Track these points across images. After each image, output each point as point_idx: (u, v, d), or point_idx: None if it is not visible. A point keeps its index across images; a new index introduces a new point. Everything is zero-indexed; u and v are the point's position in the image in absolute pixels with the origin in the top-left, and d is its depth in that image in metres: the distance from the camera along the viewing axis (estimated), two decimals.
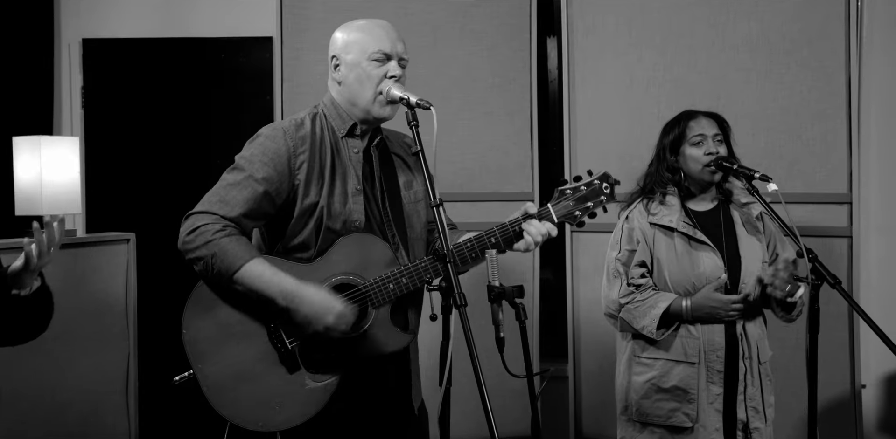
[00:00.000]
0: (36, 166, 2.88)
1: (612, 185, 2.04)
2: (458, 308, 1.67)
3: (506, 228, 1.98)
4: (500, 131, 3.43)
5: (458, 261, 1.94)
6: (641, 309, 2.40)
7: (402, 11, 3.38)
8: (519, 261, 3.43)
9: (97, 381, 3.11)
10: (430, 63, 3.40)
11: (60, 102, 3.99)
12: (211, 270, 1.88)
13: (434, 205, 1.78)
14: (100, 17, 3.99)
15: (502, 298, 1.81)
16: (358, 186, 2.00)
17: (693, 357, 2.39)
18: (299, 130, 2.00)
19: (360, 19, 2.09)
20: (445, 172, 3.41)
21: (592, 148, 3.39)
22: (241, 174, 1.95)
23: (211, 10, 3.93)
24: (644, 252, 2.46)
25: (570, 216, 2.02)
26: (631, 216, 2.51)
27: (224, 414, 1.92)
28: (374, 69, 1.99)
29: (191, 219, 1.92)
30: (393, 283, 1.92)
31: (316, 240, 1.97)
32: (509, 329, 1.87)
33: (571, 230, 3.41)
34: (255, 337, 1.93)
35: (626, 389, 2.48)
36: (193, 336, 1.93)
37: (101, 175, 3.94)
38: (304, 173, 1.96)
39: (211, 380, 1.92)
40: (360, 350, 1.94)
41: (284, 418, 1.91)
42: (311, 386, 1.92)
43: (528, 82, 3.44)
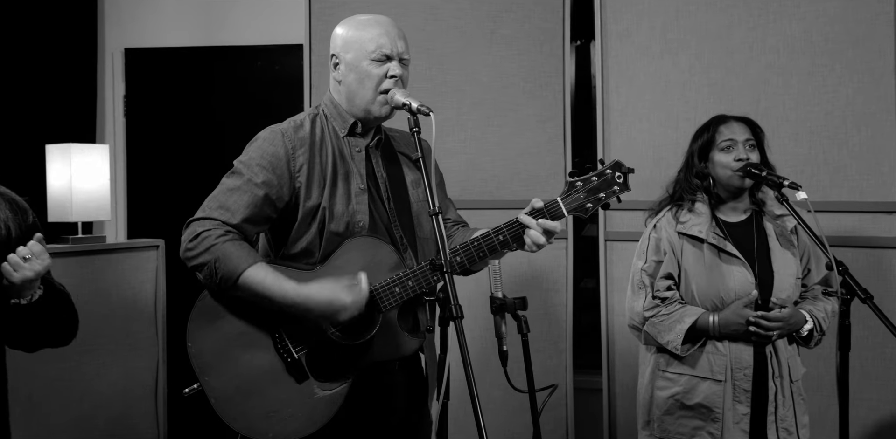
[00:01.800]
0: (67, 173, 2.94)
1: (626, 174, 1.93)
2: (455, 320, 1.62)
3: (514, 225, 1.90)
4: (532, 138, 3.36)
5: (466, 263, 1.89)
6: (667, 323, 2.31)
7: (432, 17, 3.35)
8: (553, 268, 3.36)
9: (127, 386, 3.14)
10: (460, 69, 3.35)
11: (104, 110, 4.08)
12: (214, 276, 1.86)
13: (433, 213, 1.73)
14: (141, 27, 4.07)
15: (504, 310, 1.75)
16: (362, 185, 1.96)
17: (719, 374, 2.28)
18: (298, 132, 1.97)
19: (360, 15, 2.04)
20: (474, 179, 3.36)
21: (626, 154, 3.29)
22: (241, 179, 1.93)
23: (246, 18, 3.98)
24: (671, 263, 2.36)
25: (581, 209, 1.93)
26: (659, 225, 2.42)
27: (234, 426, 1.90)
28: (375, 69, 1.94)
29: (192, 226, 1.91)
30: (399, 287, 1.88)
31: (320, 244, 1.94)
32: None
33: (605, 239, 3.32)
34: (260, 348, 1.91)
35: (648, 403, 2.39)
36: (199, 348, 1.92)
37: (141, 182, 4.02)
38: (305, 175, 1.93)
39: (218, 393, 1.90)
40: (367, 356, 1.90)
41: (295, 428, 1.89)
42: (321, 395, 1.89)
43: (560, 87, 3.36)
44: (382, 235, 1.97)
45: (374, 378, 1.94)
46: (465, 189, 3.36)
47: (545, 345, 3.36)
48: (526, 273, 3.38)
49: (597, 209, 1.94)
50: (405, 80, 2.00)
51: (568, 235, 3.35)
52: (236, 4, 4.04)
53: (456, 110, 3.36)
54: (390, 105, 1.96)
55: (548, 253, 3.36)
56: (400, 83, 1.97)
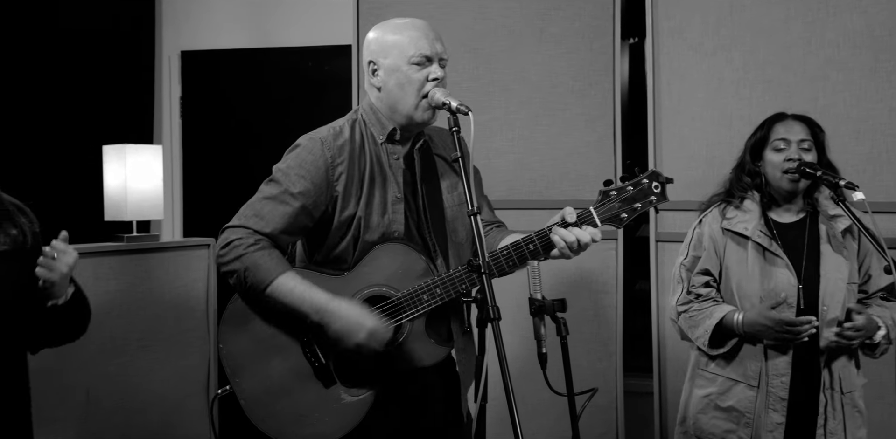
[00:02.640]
0: (122, 173, 3.01)
1: (663, 184, 1.89)
2: (492, 321, 1.60)
3: (544, 235, 1.87)
4: (581, 137, 3.32)
5: (494, 272, 1.87)
6: (697, 319, 2.27)
7: (480, 16, 3.33)
8: (602, 269, 3.31)
9: (179, 383, 3.20)
10: (508, 68, 3.33)
11: (160, 112, 4.18)
12: (244, 284, 1.88)
13: (471, 213, 1.70)
14: (196, 30, 4.16)
15: (543, 312, 1.72)
16: (398, 194, 1.95)
17: (752, 380, 2.22)
18: (337, 139, 1.95)
19: (393, 19, 2.01)
20: (523, 179, 3.33)
21: (678, 153, 3.23)
22: (278, 188, 1.92)
23: (297, 19, 4.03)
24: (711, 259, 2.31)
25: (615, 219, 1.89)
26: (704, 220, 2.37)
27: (262, 428, 1.91)
28: (415, 73, 1.92)
29: (226, 233, 1.93)
30: (427, 294, 1.87)
31: (353, 252, 1.94)
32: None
33: (657, 240, 3.26)
34: (289, 352, 1.92)
35: (686, 400, 2.38)
36: (230, 350, 1.94)
37: (196, 182, 4.10)
38: (343, 184, 1.92)
39: (248, 394, 1.92)
40: (394, 364, 1.90)
41: (323, 432, 1.89)
42: (348, 401, 1.89)
43: (610, 86, 3.31)
44: (416, 242, 1.96)
45: (403, 383, 1.94)
46: (513, 189, 3.34)
47: (595, 347, 3.31)
48: (574, 274, 3.34)
49: (631, 219, 1.91)
50: (445, 83, 1.98)
51: (618, 236, 3.29)
52: (288, 6, 4.09)
53: (504, 109, 3.34)
54: (432, 106, 1.93)
55: (597, 253, 3.31)
56: (441, 84, 1.95)
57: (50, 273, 1.72)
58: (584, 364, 3.30)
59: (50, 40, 3.60)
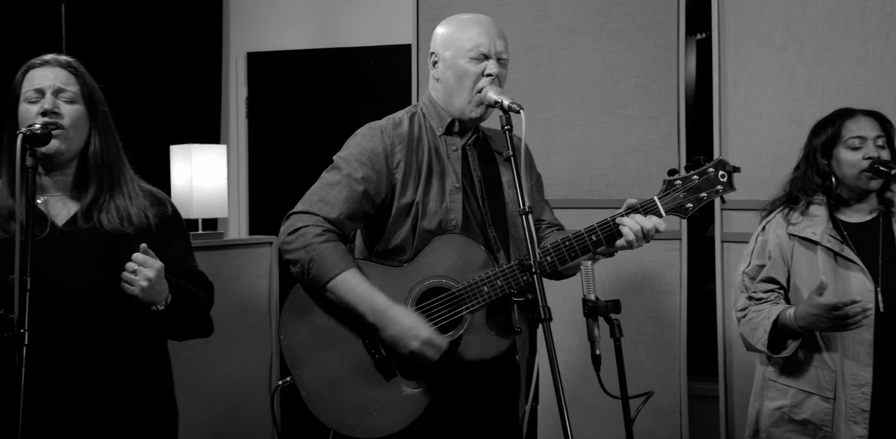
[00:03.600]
0: (188, 172, 3.09)
1: (730, 173, 1.85)
2: (543, 322, 1.58)
3: (607, 224, 1.85)
4: (643, 135, 3.25)
5: (557, 265, 1.84)
6: (755, 321, 2.18)
7: (540, 14, 3.30)
8: (666, 270, 3.24)
9: (242, 377, 3.27)
10: (568, 65, 3.29)
11: (228, 112, 4.27)
12: (306, 275, 1.90)
13: (522, 212, 1.69)
14: (262, 32, 4.24)
15: (596, 313, 1.69)
16: (457, 184, 1.96)
17: (828, 391, 2.12)
18: (396, 129, 1.99)
19: (462, 14, 2.04)
20: (583, 178, 3.29)
21: (745, 151, 3.14)
22: (340, 173, 1.95)
23: (359, 19, 4.06)
24: (777, 267, 2.22)
25: (680, 208, 1.85)
26: (767, 227, 2.28)
27: (323, 419, 1.93)
28: (472, 67, 1.94)
29: (292, 219, 1.95)
30: (487, 286, 1.86)
31: (412, 241, 1.94)
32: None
33: (722, 240, 3.17)
34: (350, 343, 1.93)
35: (757, 413, 2.28)
36: (291, 341, 1.95)
37: (262, 180, 4.18)
38: (402, 172, 1.94)
39: (308, 386, 1.93)
40: (455, 356, 1.89)
41: (383, 425, 1.89)
42: (408, 393, 1.89)
43: (674, 83, 3.23)
44: (476, 235, 1.96)
45: (464, 377, 1.93)
46: (574, 188, 3.29)
47: (658, 349, 3.25)
48: (637, 274, 3.28)
49: (697, 209, 1.85)
50: (502, 79, 1.98)
51: (682, 236, 3.22)
52: (349, 7, 4.13)
53: (564, 108, 3.30)
54: (484, 103, 1.94)
55: (660, 253, 3.25)
56: (496, 82, 1.95)
57: (131, 287, 1.74)
58: (647, 366, 3.24)
59: (123, 43, 3.72)
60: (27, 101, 1.78)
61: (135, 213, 1.86)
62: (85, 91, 1.84)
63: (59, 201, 1.86)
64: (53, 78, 1.80)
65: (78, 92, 1.82)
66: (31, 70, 1.82)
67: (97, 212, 1.83)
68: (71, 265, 1.79)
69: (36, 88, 1.78)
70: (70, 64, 1.85)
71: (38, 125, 1.73)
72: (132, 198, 1.87)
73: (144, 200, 1.91)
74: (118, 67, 3.65)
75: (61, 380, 1.75)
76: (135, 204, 1.87)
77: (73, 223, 1.83)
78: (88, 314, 1.80)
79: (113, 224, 1.83)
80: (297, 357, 1.95)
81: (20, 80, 1.82)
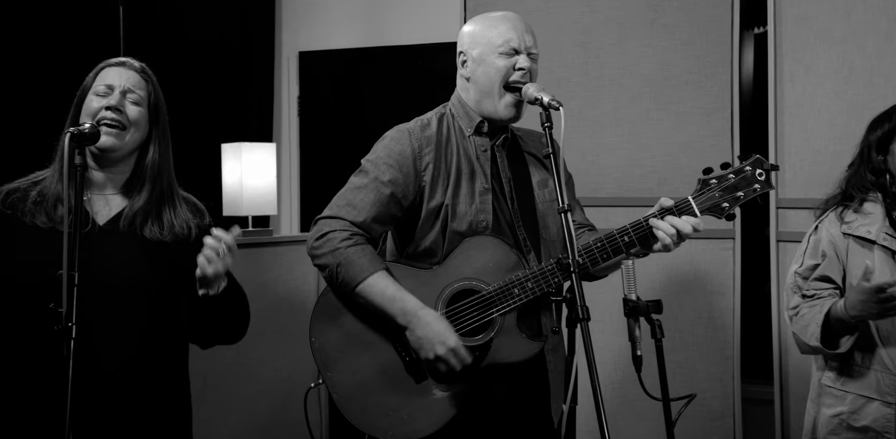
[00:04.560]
0: (238, 170, 3.14)
1: (768, 171, 1.79)
2: (581, 322, 1.55)
3: (639, 225, 1.81)
4: (695, 131, 3.18)
5: (589, 267, 1.81)
6: (808, 317, 2.11)
7: (588, 9, 3.25)
8: (718, 270, 3.16)
9: (290, 373, 3.30)
10: (618, 62, 3.23)
11: (280, 111, 4.33)
12: (336, 279, 1.90)
13: (561, 210, 1.66)
14: (313, 31, 4.29)
15: (637, 313, 1.66)
16: (486, 185, 1.94)
17: (889, 396, 2.04)
18: (425, 130, 1.97)
19: (488, 13, 2.03)
20: (633, 175, 3.23)
21: (802, 147, 3.04)
22: (367, 177, 1.95)
23: (408, 18, 4.08)
24: (832, 266, 2.14)
25: (716, 208, 1.81)
26: (820, 226, 2.20)
27: (354, 422, 1.92)
28: (503, 61, 1.92)
29: (319, 224, 1.95)
30: (518, 288, 1.83)
31: (443, 243, 1.93)
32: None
33: (778, 240, 3.09)
34: (381, 346, 1.92)
35: (814, 420, 2.19)
36: (322, 344, 1.95)
37: (313, 178, 4.22)
38: (430, 174, 1.93)
39: (340, 388, 1.92)
40: (486, 359, 1.87)
41: (414, 428, 1.88)
42: (439, 396, 1.88)
43: (728, 78, 3.16)
44: (506, 236, 1.94)
45: (495, 380, 1.91)
46: (623, 186, 3.24)
47: (710, 351, 3.18)
48: (688, 274, 3.21)
49: (734, 209, 1.80)
50: (534, 74, 1.96)
51: (735, 235, 3.14)
52: (398, 5, 4.14)
53: (613, 104, 3.25)
54: (524, 100, 1.92)
55: (713, 253, 3.18)
56: (528, 76, 1.92)
57: (207, 266, 1.78)
58: (699, 367, 3.18)
59: (178, 43, 3.80)
60: (96, 94, 1.85)
61: (178, 225, 1.90)
62: (152, 97, 1.90)
63: (103, 199, 1.90)
64: (126, 78, 1.87)
65: (145, 96, 1.88)
66: (106, 68, 1.89)
67: (141, 220, 1.87)
68: (108, 263, 1.82)
69: (107, 84, 1.85)
70: (144, 69, 1.93)
71: (87, 125, 1.77)
72: (176, 210, 1.92)
73: (187, 212, 1.95)
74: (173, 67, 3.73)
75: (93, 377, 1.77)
76: (178, 215, 1.92)
77: (114, 223, 1.87)
78: (124, 312, 1.83)
79: (154, 234, 1.87)
80: (328, 359, 1.94)
81: (93, 75, 1.89)
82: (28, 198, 1.85)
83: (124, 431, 1.83)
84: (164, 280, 1.86)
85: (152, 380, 1.88)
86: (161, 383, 1.90)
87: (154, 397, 1.88)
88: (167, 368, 1.93)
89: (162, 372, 1.91)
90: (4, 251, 1.81)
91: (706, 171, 1.82)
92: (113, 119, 1.82)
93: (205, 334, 1.99)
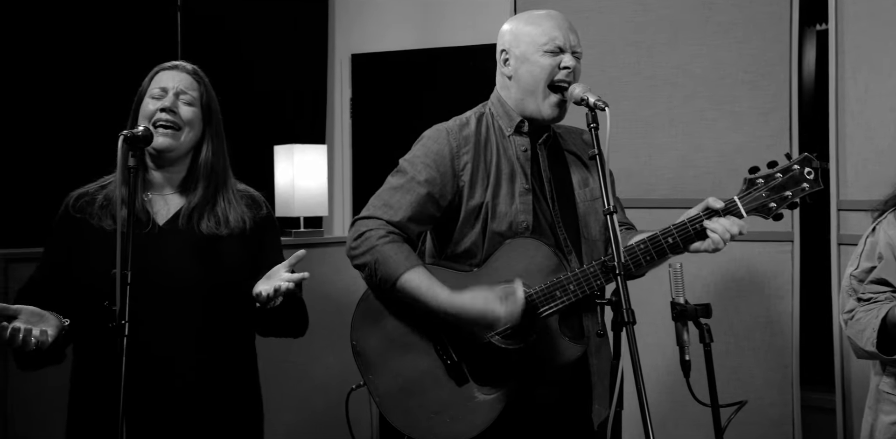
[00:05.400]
0: (290, 172, 3.18)
1: (817, 170, 1.74)
2: (626, 325, 1.53)
3: (684, 227, 1.78)
4: (751, 132, 3.10)
5: (631, 267, 1.78)
6: (863, 321, 2.05)
7: (640, 7, 3.20)
8: (777, 273, 3.09)
9: (341, 372, 3.32)
10: (671, 61, 3.18)
11: (333, 113, 4.37)
12: (375, 277, 1.90)
13: (607, 212, 1.64)
14: (365, 33, 4.32)
15: (685, 317, 1.62)
16: (526, 185, 1.92)
17: None
18: (463, 130, 1.96)
19: (531, 11, 2.01)
20: (687, 177, 3.17)
21: (865, 147, 2.94)
22: (404, 177, 1.95)
23: (459, 19, 4.08)
24: (889, 268, 2.07)
25: (763, 208, 1.76)
26: (878, 228, 2.13)
27: (397, 425, 1.92)
28: (547, 60, 1.90)
29: (357, 225, 1.95)
30: (559, 291, 1.81)
31: (483, 244, 1.91)
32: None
33: (839, 242, 2.99)
34: (421, 349, 1.91)
35: (871, 427, 2.13)
36: (363, 347, 1.95)
37: (365, 180, 4.25)
38: (469, 174, 1.91)
39: (381, 391, 1.92)
40: (528, 362, 1.85)
41: (457, 431, 1.87)
42: (481, 399, 1.86)
43: (786, 77, 3.07)
44: (546, 237, 1.92)
45: (537, 383, 1.89)
46: (676, 187, 3.18)
47: (767, 357, 3.10)
48: (744, 277, 3.14)
49: (782, 209, 1.75)
50: (577, 74, 1.93)
51: (794, 237, 3.06)
52: (449, 6, 4.14)
53: (666, 104, 3.19)
54: (570, 101, 1.90)
55: (770, 256, 3.10)
56: (573, 75, 1.89)
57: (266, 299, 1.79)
58: (755, 373, 3.10)
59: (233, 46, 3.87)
60: (151, 97, 1.92)
61: (233, 218, 1.94)
62: (204, 98, 1.96)
63: (162, 199, 1.95)
64: (179, 81, 1.93)
65: (198, 97, 1.94)
66: (160, 72, 1.96)
67: (198, 216, 1.92)
68: (168, 262, 1.87)
69: (161, 87, 1.92)
70: (196, 71, 1.99)
71: (140, 128, 1.82)
72: (232, 204, 1.96)
73: (243, 205, 1.99)
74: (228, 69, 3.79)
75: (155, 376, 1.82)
76: (234, 209, 1.95)
77: (174, 222, 1.92)
78: (183, 311, 1.87)
79: (210, 229, 1.92)
80: (370, 362, 1.94)
81: (149, 79, 1.96)
82: (95, 201, 1.92)
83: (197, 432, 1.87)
84: (221, 277, 1.90)
85: (220, 378, 1.91)
86: (229, 380, 1.93)
87: (225, 394, 1.92)
88: (232, 365, 1.95)
89: (228, 368, 1.94)
90: (77, 254, 1.88)
91: (752, 171, 1.78)
92: (167, 120, 1.88)
93: (261, 330, 2.04)
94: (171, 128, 1.88)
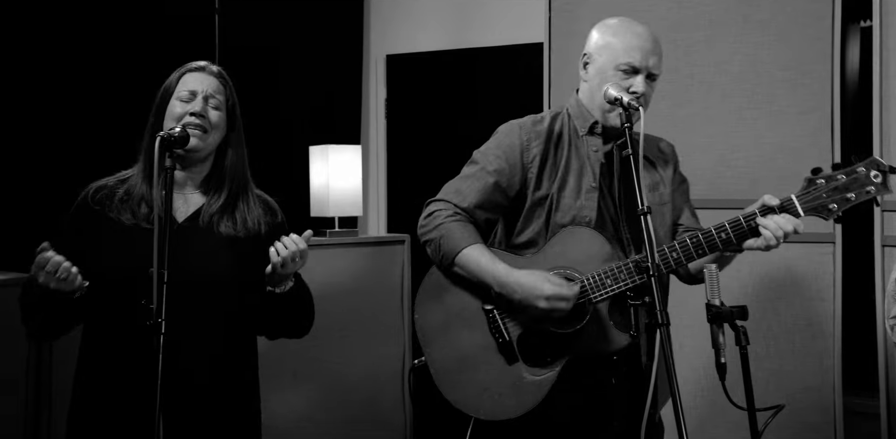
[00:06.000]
0: (325, 172, 3.20)
1: (884, 173, 1.70)
2: (660, 327, 1.52)
3: (738, 223, 1.78)
4: (791, 131, 3.05)
5: (683, 260, 1.81)
6: None
7: (676, 5, 3.17)
8: (818, 275, 3.03)
9: (376, 371, 3.35)
10: (708, 59, 3.14)
11: (367, 113, 4.40)
12: (438, 252, 1.99)
13: (641, 213, 1.64)
14: (399, 34, 4.33)
15: (720, 319, 1.60)
16: (593, 183, 1.97)
17: None
18: (536, 125, 2.04)
19: (623, 19, 2.04)
20: (725, 177, 3.13)
21: None
22: (476, 167, 2.05)
23: (493, 19, 4.08)
24: None
25: (822, 209, 1.74)
26: None
27: (449, 398, 1.99)
28: (619, 80, 1.94)
29: (429, 207, 2.07)
30: (611, 279, 1.85)
31: (545, 235, 1.97)
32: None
33: (883, 244, 2.93)
34: (476, 325, 1.98)
35: None
36: (425, 321, 2.04)
37: (400, 180, 4.27)
38: (537, 166, 1.99)
39: (438, 365, 2.00)
40: (577, 347, 1.89)
41: (502, 409, 1.92)
42: (529, 380, 1.91)
43: (828, 75, 3.01)
44: (609, 234, 1.97)
45: (587, 370, 1.92)
46: (714, 187, 3.14)
47: (808, 361, 3.04)
48: (785, 279, 3.09)
49: (841, 211, 1.71)
50: (648, 98, 1.97)
51: (836, 239, 3.00)
52: (484, 7, 4.14)
53: (703, 104, 3.15)
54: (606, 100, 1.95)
55: (811, 257, 3.04)
56: (642, 100, 1.93)
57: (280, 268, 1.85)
58: (795, 377, 3.05)
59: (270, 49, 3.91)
60: (179, 99, 1.95)
61: (251, 221, 1.99)
62: (230, 102, 2.00)
63: (182, 197, 1.99)
64: (207, 84, 1.96)
65: (224, 101, 1.98)
66: (187, 73, 1.99)
67: (217, 218, 1.97)
68: (188, 259, 1.89)
69: (190, 90, 1.95)
70: (221, 74, 2.02)
71: (177, 129, 1.86)
72: (250, 207, 2.01)
73: (260, 209, 2.04)
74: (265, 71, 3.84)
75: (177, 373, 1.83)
76: (252, 213, 2.01)
77: (193, 220, 1.96)
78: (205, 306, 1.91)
79: (228, 230, 1.96)
80: (429, 336, 2.03)
81: (175, 80, 1.99)
82: (115, 195, 1.96)
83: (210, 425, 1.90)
84: (238, 275, 1.94)
85: (233, 373, 1.96)
86: (239, 375, 1.98)
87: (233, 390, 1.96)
88: (244, 361, 2.01)
89: (240, 364, 1.99)
90: (92, 245, 1.92)
91: (814, 171, 1.75)
92: (197, 125, 1.91)
93: (270, 328, 2.07)
94: (199, 130, 1.92)
